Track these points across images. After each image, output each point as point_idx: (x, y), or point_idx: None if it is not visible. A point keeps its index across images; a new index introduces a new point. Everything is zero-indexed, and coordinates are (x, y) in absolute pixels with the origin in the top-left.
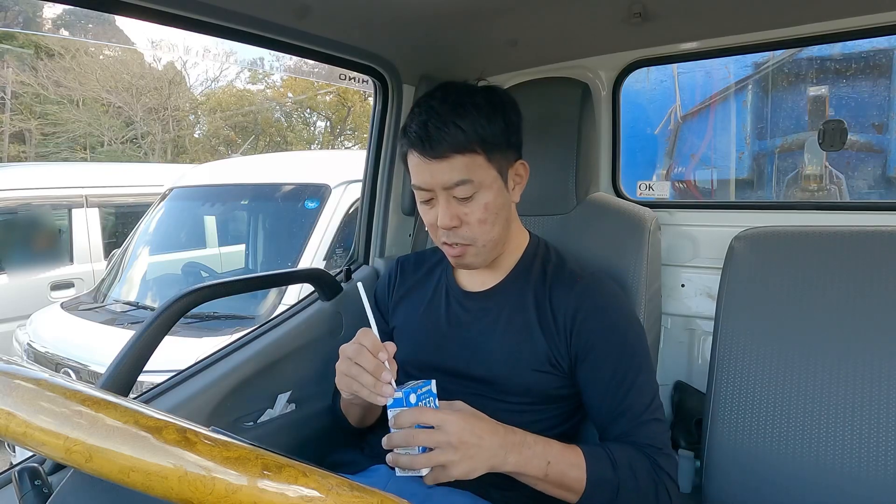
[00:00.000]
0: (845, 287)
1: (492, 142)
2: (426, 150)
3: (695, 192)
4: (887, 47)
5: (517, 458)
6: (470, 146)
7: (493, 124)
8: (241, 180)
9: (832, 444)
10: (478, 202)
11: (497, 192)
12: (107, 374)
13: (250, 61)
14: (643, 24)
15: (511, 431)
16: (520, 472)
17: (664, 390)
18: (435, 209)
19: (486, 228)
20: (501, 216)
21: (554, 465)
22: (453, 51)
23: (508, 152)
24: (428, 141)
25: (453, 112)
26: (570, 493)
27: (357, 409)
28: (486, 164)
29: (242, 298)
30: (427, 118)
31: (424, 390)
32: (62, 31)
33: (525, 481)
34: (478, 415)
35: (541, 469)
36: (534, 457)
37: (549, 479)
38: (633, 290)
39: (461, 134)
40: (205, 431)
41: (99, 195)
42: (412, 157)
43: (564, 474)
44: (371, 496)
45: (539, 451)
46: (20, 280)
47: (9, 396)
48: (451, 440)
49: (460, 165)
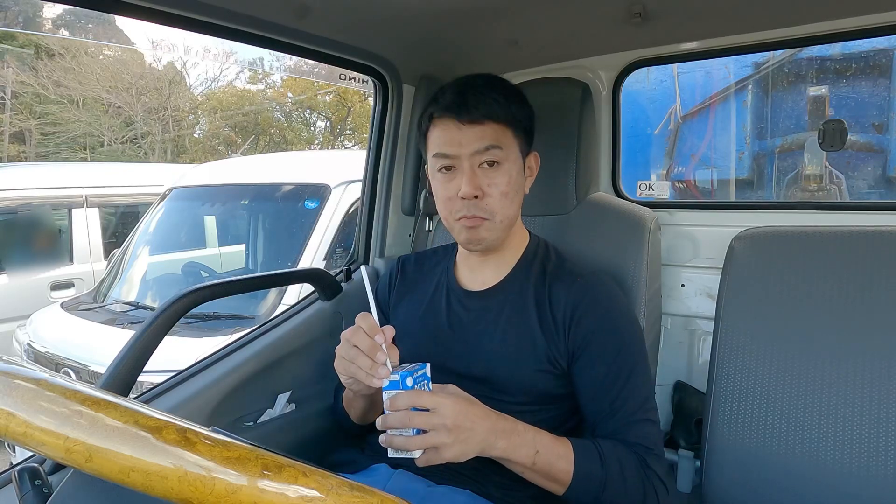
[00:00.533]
0: (845, 287)
1: (520, 122)
2: (462, 113)
3: (695, 192)
4: (887, 47)
5: (506, 444)
6: (505, 117)
7: (522, 107)
8: (241, 180)
9: (832, 444)
10: (503, 174)
11: (518, 170)
12: (107, 374)
13: (250, 61)
14: (643, 24)
15: (502, 418)
16: (508, 459)
17: (664, 390)
18: (456, 181)
19: (506, 203)
20: (519, 195)
21: (542, 454)
22: (453, 51)
23: (528, 140)
24: (464, 105)
25: (489, 87)
26: (557, 484)
27: (360, 403)
28: (513, 139)
29: (242, 298)
30: (464, 87)
31: (420, 374)
32: (62, 31)
33: (512, 468)
34: (470, 399)
35: (528, 457)
36: (523, 444)
37: (536, 467)
38: (633, 290)
39: (497, 105)
40: (205, 431)
41: (99, 195)
42: (440, 124)
43: (552, 465)
44: (371, 496)
45: (528, 440)
46: (20, 280)
47: (9, 396)
48: (446, 423)
49: (492, 132)
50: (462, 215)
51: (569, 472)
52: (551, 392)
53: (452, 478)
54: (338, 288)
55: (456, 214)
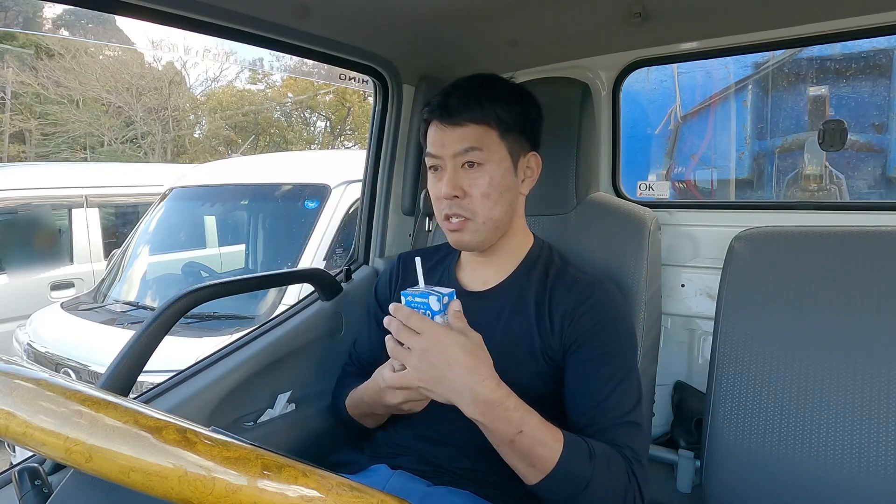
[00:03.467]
0: (845, 287)
1: (506, 122)
2: (444, 116)
3: (695, 192)
4: (887, 47)
5: (482, 412)
6: (485, 119)
7: (510, 106)
8: (241, 180)
9: (832, 444)
10: (483, 174)
11: (504, 171)
12: (107, 374)
13: (250, 61)
14: (643, 24)
15: (495, 389)
16: (485, 427)
17: (664, 390)
18: (443, 181)
19: (489, 205)
20: (505, 197)
21: (525, 435)
22: (453, 50)
23: (522, 140)
24: (447, 109)
25: (476, 89)
26: (534, 470)
27: (382, 411)
28: (497, 141)
29: (242, 298)
30: (452, 91)
31: (444, 302)
32: (62, 31)
33: (490, 438)
34: (468, 350)
35: (508, 434)
36: (505, 420)
37: (514, 446)
38: (633, 290)
39: (479, 107)
40: (205, 431)
41: (99, 195)
42: (431, 125)
43: (532, 449)
44: (371, 496)
45: (515, 418)
46: (20, 280)
47: (9, 396)
48: (417, 347)
49: (472, 133)
50: (445, 214)
51: (550, 461)
52: (549, 393)
53: (452, 478)
54: (338, 288)
55: (441, 213)
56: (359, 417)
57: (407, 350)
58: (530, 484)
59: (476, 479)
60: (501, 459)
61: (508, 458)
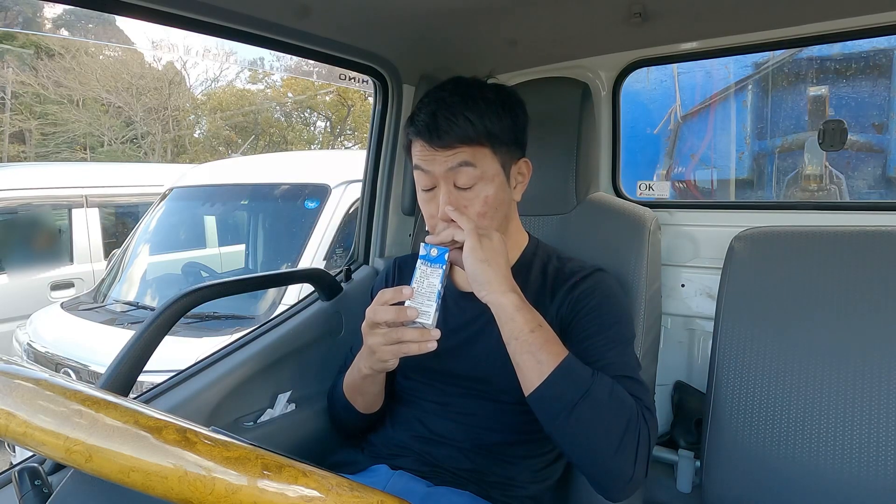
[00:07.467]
0: (845, 287)
1: (499, 137)
2: (433, 139)
3: (695, 192)
4: (887, 47)
5: (515, 301)
6: (477, 138)
7: (501, 120)
8: (241, 180)
9: (831, 444)
10: (478, 194)
11: (499, 186)
12: (107, 374)
13: (250, 61)
14: (643, 24)
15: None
16: (513, 314)
17: (664, 390)
18: (435, 201)
19: (485, 223)
20: (500, 212)
21: (544, 329)
22: (453, 50)
23: (513, 149)
24: (436, 131)
25: (463, 104)
26: (539, 368)
27: (371, 387)
28: (490, 157)
29: (242, 298)
30: (437, 108)
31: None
32: (62, 31)
33: (511, 330)
34: (499, 267)
35: (530, 322)
36: (530, 311)
37: (534, 336)
38: (633, 290)
39: (470, 126)
40: (205, 431)
41: (99, 195)
42: (417, 145)
43: (544, 345)
44: (371, 496)
45: (535, 315)
46: (20, 280)
47: (9, 396)
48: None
49: (464, 154)
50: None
51: (557, 358)
52: None
53: (452, 479)
54: (338, 288)
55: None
56: (351, 396)
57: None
58: (532, 388)
59: (477, 480)
60: (502, 460)
61: (519, 353)
